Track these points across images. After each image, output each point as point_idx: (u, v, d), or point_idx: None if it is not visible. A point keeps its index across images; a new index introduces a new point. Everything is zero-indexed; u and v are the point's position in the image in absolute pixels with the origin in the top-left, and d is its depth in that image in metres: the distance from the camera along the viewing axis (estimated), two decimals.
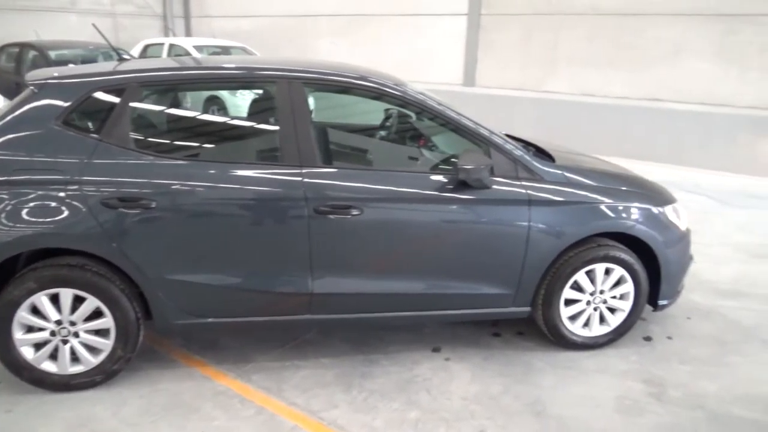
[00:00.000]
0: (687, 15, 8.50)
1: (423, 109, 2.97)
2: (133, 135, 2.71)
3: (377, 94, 2.94)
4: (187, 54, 10.02)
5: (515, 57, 10.38)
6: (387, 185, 2.83)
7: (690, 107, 8.45)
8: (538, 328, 3.25)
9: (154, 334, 3.12)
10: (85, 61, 8.50)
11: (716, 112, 8.19)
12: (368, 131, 3.70)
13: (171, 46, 10.71)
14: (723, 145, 7.93)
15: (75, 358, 2.72)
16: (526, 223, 2.91)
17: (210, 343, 3.23)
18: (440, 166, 3.06)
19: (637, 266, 3.12)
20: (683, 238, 3.30)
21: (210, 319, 2.85)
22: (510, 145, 3.01)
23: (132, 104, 2.72)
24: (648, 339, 3.41)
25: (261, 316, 2.90)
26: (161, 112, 3.14)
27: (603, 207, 3.04)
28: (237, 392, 2.81)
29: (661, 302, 3.27)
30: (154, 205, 2.60)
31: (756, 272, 4.47)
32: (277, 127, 2.82)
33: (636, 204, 3.12)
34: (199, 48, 10.38)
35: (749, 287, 4.18)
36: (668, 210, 3.23)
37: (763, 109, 8.03)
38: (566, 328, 3.17)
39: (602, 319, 3.23)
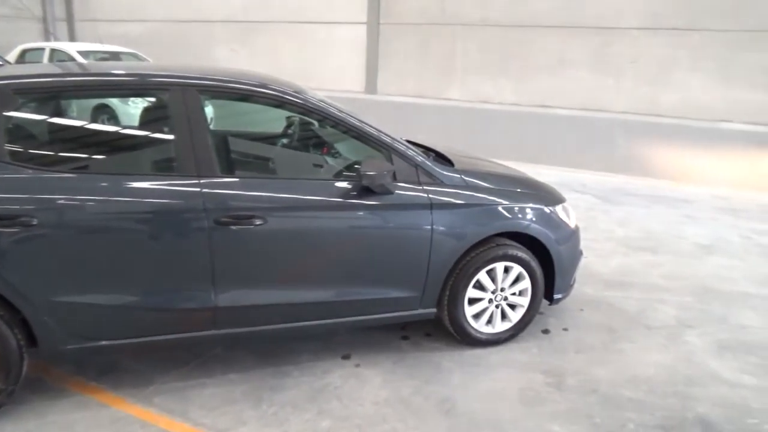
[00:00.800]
0: (568, 27, 9.18)
1: (325, 117, 2.96)
2: (9, 147, 2.48)
3: (278, 102, 2.90)
4: (72, 60, 9.35)
5: (415, 65, 10.67)
6: (290, 193, 2.80)
7: (574, 113, 9.12)
8: (444, 328, 3.34)
9: (41, 363, 2.87)
10: None
11: (596, 117, 8.91)
12: (270, 139, 3.64)
13: (52, 51, 9.94)
14: (603, 147, 8.62)
15: None
16: (429, 227, 2.99)
17: (107, 367, 3.02)
18: (344, 173, 3.07)
19: (533, 263, 3.29)
20: (573, 234, 3.54)
21: (104, 342, 2.66)
22: (411, 151, 3.08)
23: (6, 113, 2.49)
24: (546, 332, 3.62)
25: (162, 334, 2.75)
26: (42, 121, 2.90)
27: (500, 208, 3.19)
28: (138, 417, 2.65)
29: (557, 296, 3.48)
30: (35, 222, 2.39)
31: (635, 263, 4.89)
32: (172, 137, 2.70)
33: (530, 204, 3.31)
34: (84, 53, 9.70)
35: (631, 277, 4.56)
36: (559, 209, 3.45)
37: (634, 114, 8.84)
38: (471, 327, 3.28)
39: (504, 316, 3.38)
